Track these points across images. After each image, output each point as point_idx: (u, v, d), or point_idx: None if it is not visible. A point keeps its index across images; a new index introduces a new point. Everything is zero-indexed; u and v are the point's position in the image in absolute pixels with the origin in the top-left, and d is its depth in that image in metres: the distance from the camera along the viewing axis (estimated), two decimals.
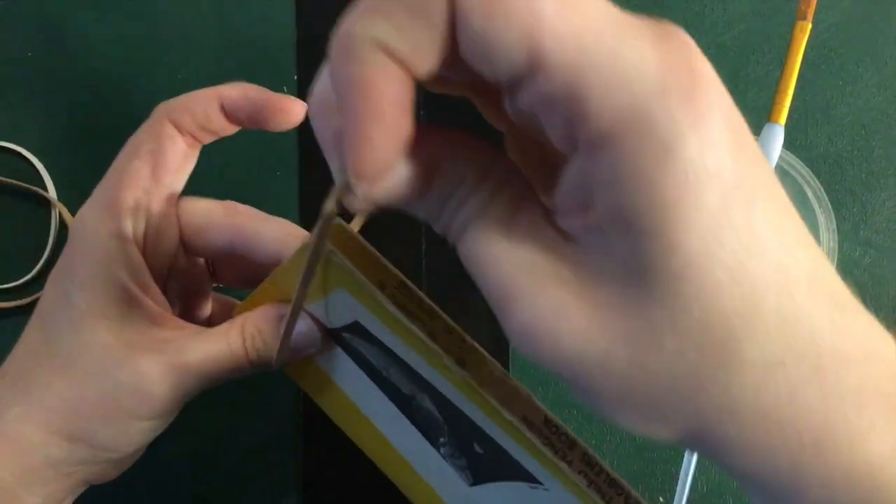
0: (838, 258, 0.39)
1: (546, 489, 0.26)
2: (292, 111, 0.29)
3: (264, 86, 0.42)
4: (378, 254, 0.25)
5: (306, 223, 0.42)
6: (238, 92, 0.29)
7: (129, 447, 0.29)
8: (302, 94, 0.42)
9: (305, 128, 0.42)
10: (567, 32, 0.14)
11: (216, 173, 0.42)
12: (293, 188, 0.42)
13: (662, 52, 0.15)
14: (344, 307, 0.27)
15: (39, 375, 0.27)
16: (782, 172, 0.38)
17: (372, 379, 0.28)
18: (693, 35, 0.15)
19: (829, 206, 0.38)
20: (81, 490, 0.30)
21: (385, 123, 0.15)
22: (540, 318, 0.16)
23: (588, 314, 0.16)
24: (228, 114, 0.29)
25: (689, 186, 0.15)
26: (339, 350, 0.28)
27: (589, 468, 0.23)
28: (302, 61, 0.42)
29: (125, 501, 0.40)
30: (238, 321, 0.28)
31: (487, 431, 0.25)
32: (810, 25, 0.35)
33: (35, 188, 0.41)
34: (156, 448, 0.40)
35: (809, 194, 0.39)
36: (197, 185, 0.42)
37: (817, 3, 0.35)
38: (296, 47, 0.42)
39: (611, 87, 0.14)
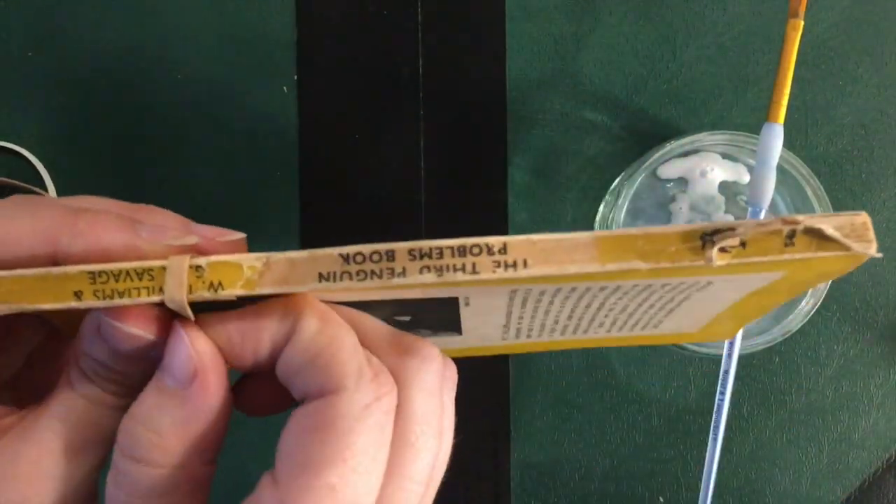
0: None
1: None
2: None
3: (264, 86, 0.42)
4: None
5: (307, 223, 0.42)
6: None
7: None
8: (302, 93, 0.42)
9: (306, 127, 0.42)
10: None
11: (216, 174, 0.42)
12: (293, 188, 0.42)
13: None
14: None
15: None
16: (782, 172, 0.38)
17: None
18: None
19: (829, 206, 0.38)
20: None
21: None
22: None
23: None
24: None
25: None
26: None
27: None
28: (302, 61, 0.42)
29: None
30: None
31: None
32: (802, 22, 0.35)
33: (35, 188, 0.41)
34: None
35: (809, 194, 0.39)
36: (197, 186, 0.42)
37: (818, 3, 0.35)
38: (296, 47, 0.42)
39: None
